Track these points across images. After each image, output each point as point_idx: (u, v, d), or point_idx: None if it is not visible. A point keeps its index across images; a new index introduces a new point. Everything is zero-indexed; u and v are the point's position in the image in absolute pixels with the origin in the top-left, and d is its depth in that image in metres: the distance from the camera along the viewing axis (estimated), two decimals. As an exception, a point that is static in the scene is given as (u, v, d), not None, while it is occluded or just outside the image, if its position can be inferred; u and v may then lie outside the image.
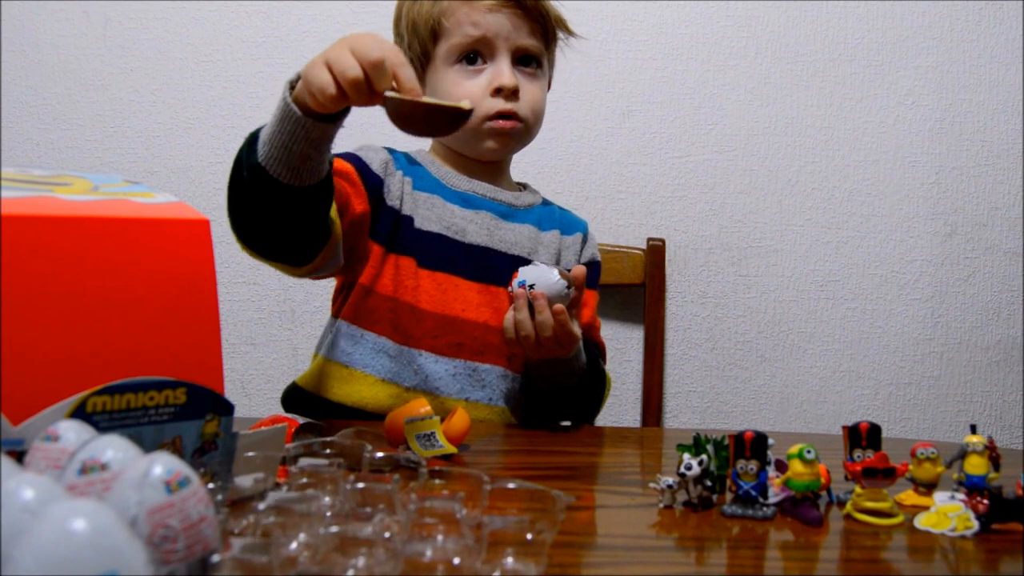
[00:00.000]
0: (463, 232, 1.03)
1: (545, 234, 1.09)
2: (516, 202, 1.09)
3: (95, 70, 1.52)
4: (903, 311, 1.54)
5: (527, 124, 1.04)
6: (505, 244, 1.05)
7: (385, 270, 1.01)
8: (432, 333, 1.00)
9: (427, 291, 1.01)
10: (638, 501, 0.69)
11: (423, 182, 1.05)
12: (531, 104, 1.03)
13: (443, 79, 1.03)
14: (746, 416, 1.54)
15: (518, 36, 1.02)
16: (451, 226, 1.03)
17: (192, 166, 1.53)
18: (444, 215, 1.03)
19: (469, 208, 1.05)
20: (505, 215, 1.07)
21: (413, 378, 1.00)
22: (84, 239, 0.54)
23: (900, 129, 1.53)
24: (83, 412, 0.49)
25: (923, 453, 0.68)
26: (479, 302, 1.02)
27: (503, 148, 1.05)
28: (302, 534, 0.48)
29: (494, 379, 1.03)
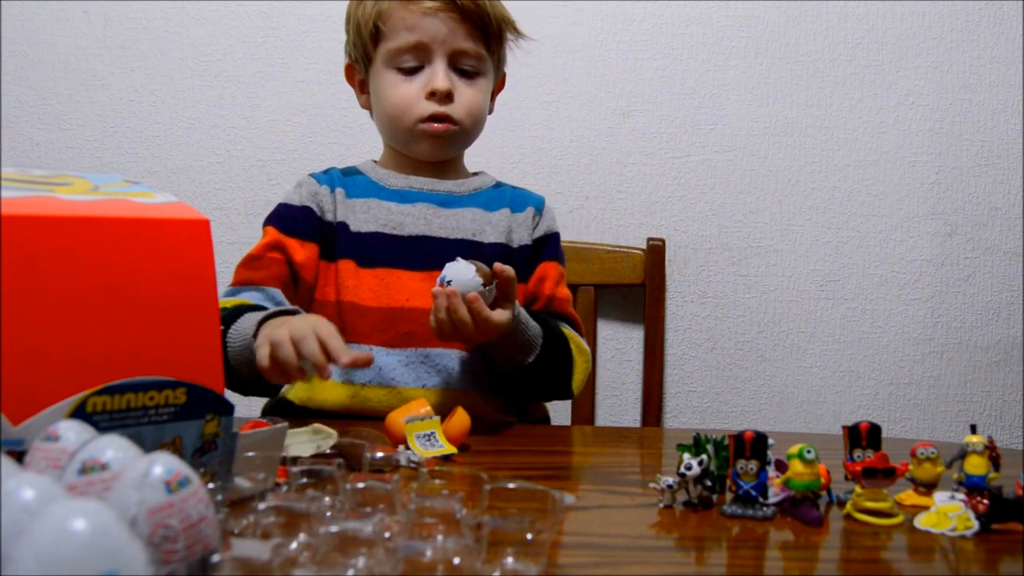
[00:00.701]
0: (400, 226, 1.06)
1: (493, 214, 1.09)
2: (458, 189, 1.10)
3: (95, 70, 1.52)
4: (903, 311, 1.54)
5: (462, 126, 1.04)
6: (445, 230, 1.06)
7: (327, 278, 1.05)
8: (379, 327, 1.03)
9: (369, 288, 1.04)
10: (638, 501, 0.69)
11: (359, 189, 1.09)
12: (467, 107, 1.04)
13: (382, 81, 1.05)
14: (746, 416, 1.54)
15: (455, 39, 1.02)
16: (388, 223, 1.06)
17: (192, 166, 1.53)
18: (380, 214, 1.06)
19: (406, 203, 1.07)
20: (445, 203, 1.08)
21: (367, 374, 1.02)
22: (84, 239, 0.54)
23: (900, 129, 1.53)
24: (83, 412, 0.49)
25: (923, 453, 0.68)
26: (423, 290, 1.02)
27: (437, 150, 1.07)
28: (302, 534, 0.48)
29: (448, 363, 1.03)
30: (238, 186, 1.53)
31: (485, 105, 1.08)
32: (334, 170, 1.12)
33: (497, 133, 1.52)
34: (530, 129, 1.53)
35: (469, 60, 1.04)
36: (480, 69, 1.06)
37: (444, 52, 1.02)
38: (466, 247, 1.05)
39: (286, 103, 1.53)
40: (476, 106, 1.05)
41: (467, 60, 1.04)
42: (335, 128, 1.52)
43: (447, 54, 1.03)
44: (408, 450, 0.77)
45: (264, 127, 1.53)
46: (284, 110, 1.53)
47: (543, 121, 1.53)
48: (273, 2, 1.52)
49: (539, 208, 1.13)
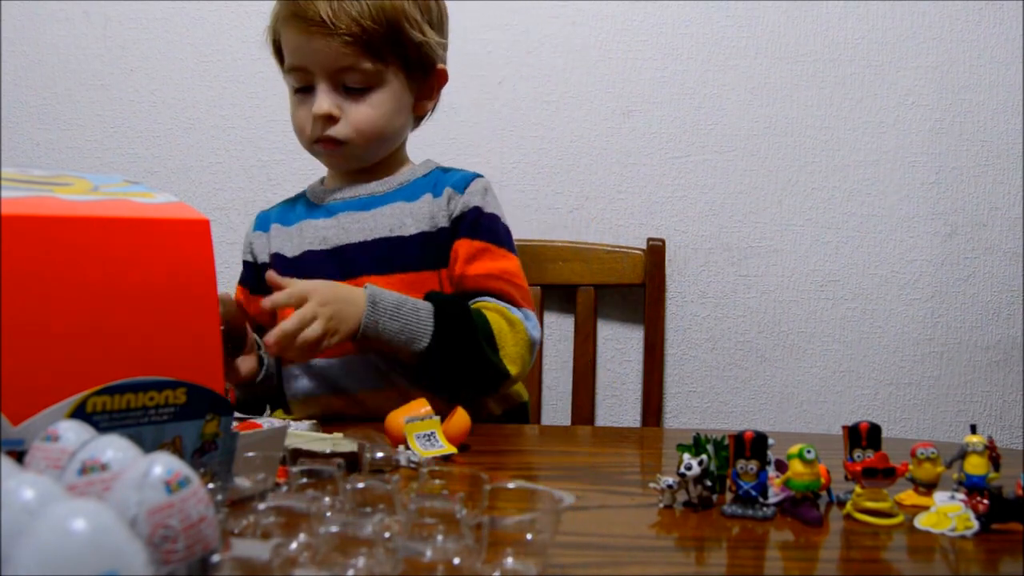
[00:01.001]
0: (324, 240, 1.08)
1: (414, 203, 1.07)
2: (381, 188, 1.10)
3: (95, 70, 1.52)
4: (903, 311, 1.54)
5: (351, 144, 1.04)
6: (363, 233, 1.07)
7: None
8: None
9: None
10: (638, 501, 0.69)
11: (296, 215, 1.12)
12: (355, 125, 1.04)
13: (289, 100, 1.09)
14: (746, 416, 1.54)
15: (333, 60, 1.01)
16: (314, 240, 1.08)
17: (192, 166, 1.53)
18: (308, 233, 1.09)
19: (330, 216, 1.09)
20: (364, 206, 1.08)
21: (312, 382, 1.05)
22: (84, 239, 0.54)
23: (900, 129, 1.53)
24: (83, 412, 0.49)
25: (923, 453, 0.68)
26: None
27: (336, 165, 1.10)
28: (302, 534, 0.48)
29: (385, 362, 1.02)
30: (238, 186, 1.53)
31: (385, 116, 1.05)
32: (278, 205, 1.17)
33: (497, 133, 1.52)
34: (530, 129, 1.53)
35: (355, 76, 1.02)
36: (372, 82, 1.03)
37: (324, 74, 1.02)
38: (384, 245, 1.05)
39: (286, 103, 1.52)
40: (366, 123, 1.04)
41: (353, 77, 1.02)
42: (335, 128, 1.52)
43: (328, 75, 1.02)
44: (408, 450, 0.77)
45: (264, 127, 1.53)
46: (284, 110, 1.52)
47: (543, 121, 1.53)
48: (273, 2, 1.51)
49: (459, 187, 1.08)
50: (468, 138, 1.49)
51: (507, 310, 1.01)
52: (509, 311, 1.01)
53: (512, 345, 1.00)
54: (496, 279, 1.04)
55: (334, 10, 0.98)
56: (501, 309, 1.01)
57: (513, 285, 1.05)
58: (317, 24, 0.98)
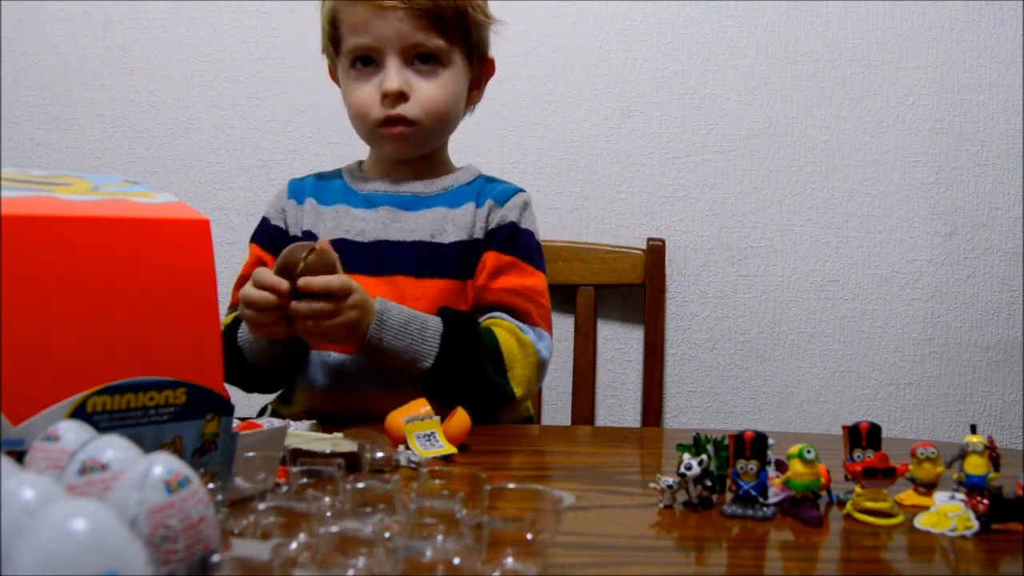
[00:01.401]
0: (362, 232, 1.05)
1: (456, 211, 1.06)
2: (426, 189, 1.08)
3: (95, 70, 1.52)
4: (903, 311, 1.54)
5: (420, 125, 1.02)
6: (403, 233, 1.05)
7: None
8: None
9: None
10: (638, 501, 0.69)
11: (333, 195, 1.10)
12: (424, 104, 1.01)
13: (344, 82, 1.06)
14: (746, 416, 1.54)
15: (406, 36, 0.99)
16: (351, 229, 1.06)
17: (192, 166, 1.53)
18: (346, 221, 1.06)
19: (370, 208, 1.07)
20: (407, 205, 1.06)
21: (328, 379, 1.02)
22: (84, 239, 0.54)
23: (900, 129, 1.53)
24: (83, 412, 0.49)
25: (923, 453, 0.68)
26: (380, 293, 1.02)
27: (399, 151, 1.06)
28: (302, 534, 0.48)
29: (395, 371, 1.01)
30: (238, 186, 1.53)
31: (452, 99, 1.04)
32: (311, 177, 1.13)
33: (497, 133, 1.52)
34: (530, 129, 1.53)
35: (426, 55, 1.01)
36: (441, 62, 1.02)
37: (396, 50, 1.00)
38: (424, 249, 1.04)
39: (286, 103, 1.53)
40: (436, 102, 1.02)
41: (424, 56, 1.01)
42: (335, 128, 1.52)
43: (399, 52, 1.00)
44: (408, 450, 0.77)
45: (264, 127, 1.53)
46: (284, 110, 1.53)
47: (543, 121, 1.53)
48: (273, 2, 1.52)
49: (500, 200, 1.08)
50: (468, 138, 1.49)
51: (519, 330, 1.01)
52: (521, 331, 1.01)
53: (521, 367, 0.99)
54: (518, 295, 1.04)
55: None
56: (513, 329, 1.01)
57: (534, 303, 1.05)
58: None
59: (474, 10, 1.04)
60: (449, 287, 1.04)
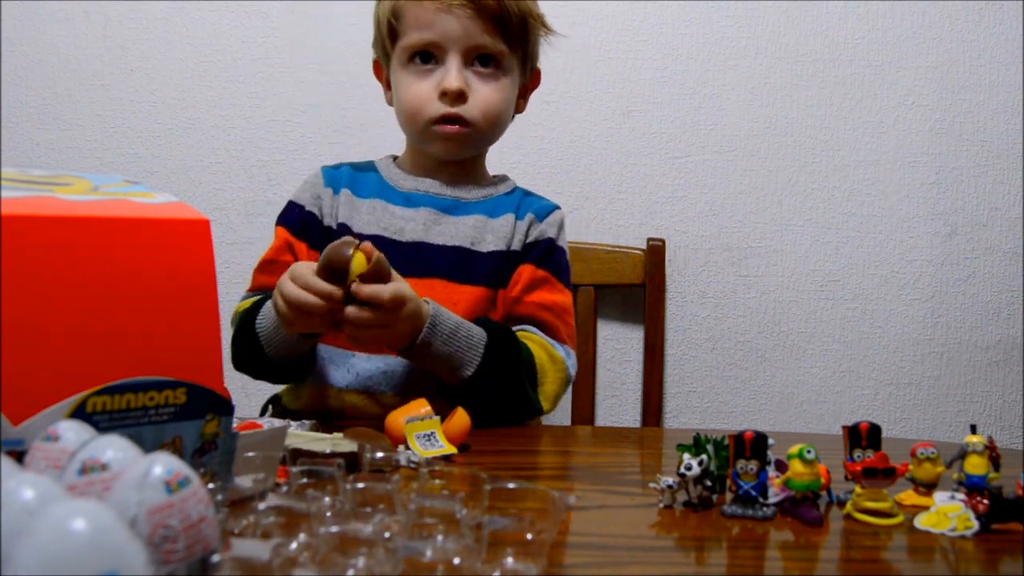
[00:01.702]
0: (400, 231, 1.04)
1: (496, 220, 1.06)
2: (467, 195, 1.07)
3: (95, 70, 1.52)
4: (903, 311, 1.54)
5: (475, 127, 1.02)
6: (443, 237, 1.04)
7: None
8: None
9: None
10: (638, 501, 0.69)
11: (369, 189, 1.08)
12: (482, 107, 1.01)
13: (399, 79, 1.04)
14: (746, 416, 1.54)
15: (470, 36, 0.99)
16: (389, 227, 1.05)
17: (192, 166, 1.53)
18: (384, 217, 1.05)
19: (410, 207, 1.06)
20: (448, 209, 1.06)
21: (346, 377, 1.01)
22: (84, 239, 0.54)
23: (900, 129, 1.53)
24: (83, 412, 0.49)
25: (923, 453, 0.68)
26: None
27: (451, 151, 1.05)
28: (302, 534, 0.48)
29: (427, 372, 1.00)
30: (238, 186, 1.53)
31: (506, 104, 1.04)
32: (346, 167, 1.11)
33: (497, 133, 1.52)
34: (530, 129, 1.53)
35: (487, 58, 1.01)
36: (501, 67, 1.02)
37: (459, 49, 0.99)
38: (462, 255, 1.04)
39: (286, 103, 1.53)
40: (493, 106, 1.02)
41: (485, 58, 1.01)
42: (335, 128, 1.52)
43: (462, 51, 0.99)
44: (408, 450, 0.77)
45: (264, 127, 1.53)
46: (284, 110, 1.53)
47: (543, 121, 1.53)
48: (273, 2, 1.52)
49: (540, 215, 1.09)
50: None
51: (551, 346, 1.01)
52: (553, 347, 1.01)
53: (551, 382, 0.99)
54: (548, 310, 1.04)
55: None
56: (545, 344, 1.01)
57: (562, 320, 1.05)
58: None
59: (535, 19, 1.04)
60: (483, 295, 1.03)
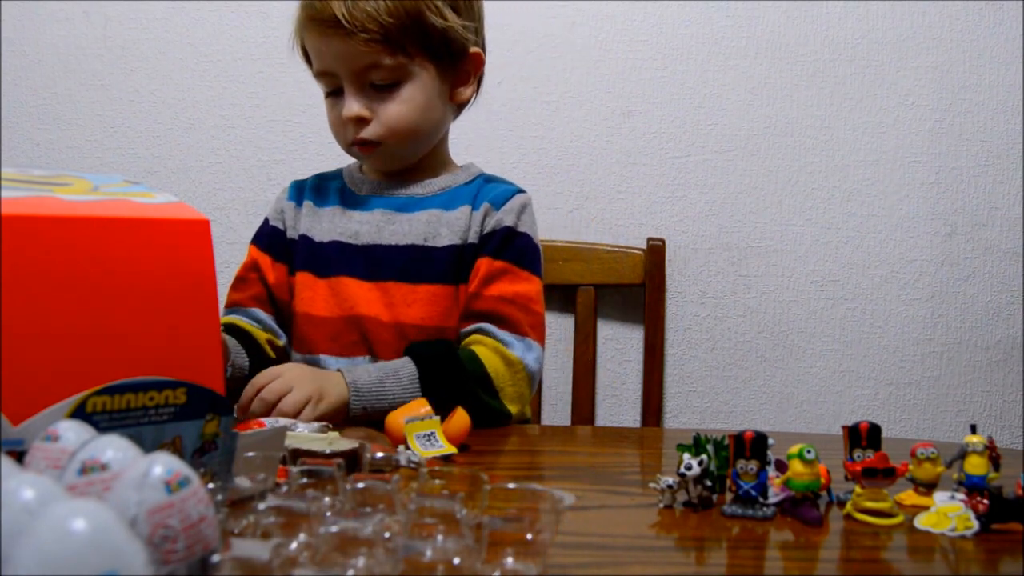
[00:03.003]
0: (356, 235, 1.06)
1: (451, 213, 1.05)
2: (421, 191, 1.08)
3: (95, 70, 1.52)
4: (903, 311, 1.54)
5: (386, 143, 1.02)
6: (396, 236, 1.05)
7: (293, 291, 1.08)
8: (330, 336, 1.05)
9: (323, 298, 1.06)
10: (638, 501, 0.69)
11: (329, 197, 1.11)
12: (387, 123, 1.01)
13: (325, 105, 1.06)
14: (746, 416, 1.54)
15: (354, 59, 0.98)
16: (345, 231, 1.07)
17: (192, 166, 1.53)
18: (340, 223, 1.07)
19: (365, 210, 1.07)
20: (402, 207, 1.07)
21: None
22: (84, 239, 0.54)
23: (900, 129, 1.53)
24: (83, 412, 0.49)
25: (923, 453, 0.68)
26: (371, 298, 1.04)
27: (378, 166, 1.08)
28: (302, 534, 0.48)
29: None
30: (238, 186, 1.53)
31: (418, 110, 1.02)
32: (313, 177, 1.15)
33: (497, 133, 1.52)
34: (530, 129, 1.53)
35: (380, 74, 0.99)
36: (399, 78, 1.00)
37: (348, 74, 0.99)
38: (415, 253, 1.04)
39: (286, 103, 1.53)
40: (399, 119, 1.01)
41: (378, 74, 0.99)
42: (335, 128, 1.52)
43: (352, 75, 0.99)
44: (408, 450, 0.77)
45: (264, 127, 1.53)
46: (284, 110, 1.53)
47: (543, 121, 1.53)
48: (273, 2, 1.51)
49: (497, 203, 1.06)
50: (468, 138, 1.49)
51: (504, 347, 0.99)
52: (507, 348, 0.99)
53: (511, 386, 0.98)
54: (509, 303, 1.01)
55: (348, 9, 0.95)
56: (498, 347, 0.99)
57: (525, 311, 1.02)
58: (333, 25, 0.96)
59: (432, 14, 0.99)
60: (441, 292, 1.03)
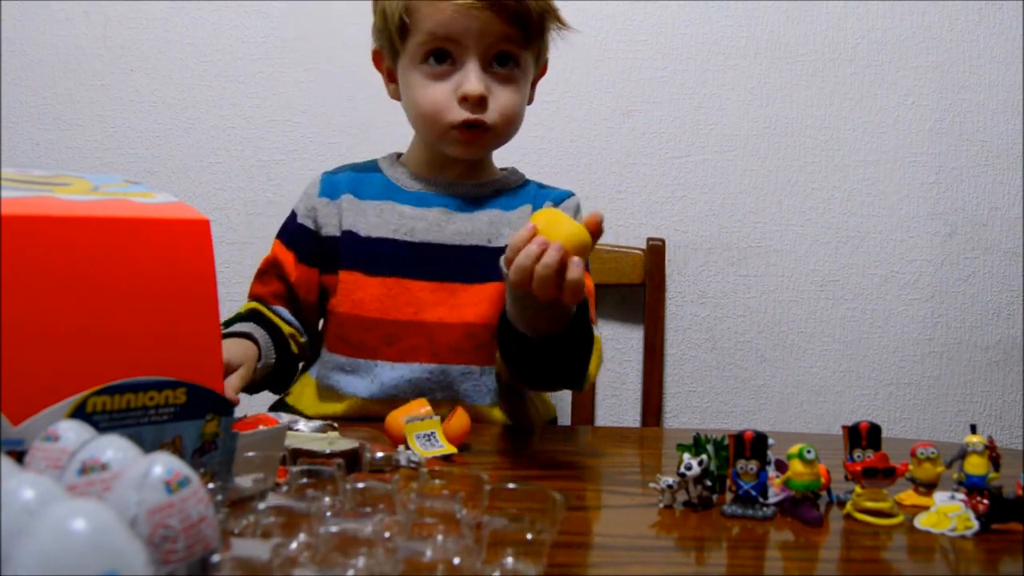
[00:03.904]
0: (412, 231, 1.01)
1: (512, 213, 1.03)
2: (479, 190, 1.04)
3: (95, 70, 1.52)
4: (903, 311, 1.54)
5: (495, 132, 0.98)
6: (459, 236, 1.01)
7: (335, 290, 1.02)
8: (385, 339, 0.99)
9: (376, 298, 1.00)
10: (638, 501, 0.69)
11: (373, 190, 1.04)
12: (502, 110, 0.97)
13: (411, 78, 0.99)
14: (746, 416, 1.54)
15: (489, 39, 0.95)
16: (399, 228, 1.01)
17: (192, 166, 1.53)
18: (392, 219, 1.02)
19: (421, 206, 1.02)
20: (462, 206, 1.03)
21: (370, 387, 0.99)
22: (84, 239, 0.54)
23: (900, 129, 1.53)
24: (83, 412, 0.49)
25: (923, 453, 0.68)
26: (433, 301, 0.99)
27: (468, 153, 1.01)
28: (302, 534, 0.48)
29: (456, 378, 0.99)
30: (238, 186, 1.53)
31: (523, 104, 1.01)
32: (347, 171, 1.08)
33: (497, 133, 1.52)
34: (530, 129, 1.52)
35: (505, 59, 0.97)
36: (519, 66, 0.98)
37: (477, 52, 0.95)
38: (479, 254, 1.00)
39: (286, 103, 1.53)
40: (512, 108, 0.98)
41: (503, 59, 0.97)
42: (335, 128, 1.52)
43: (480, 54, 0.95)
44: (408, 450, 0.77)
45: (264, 127, 1.53)
46: (284, 110, 1.53)
47: (543, 121, 1.53)
48: (273, 2, 1.51)
49: (557, 202, 1.06)
50: (468, 138, 1.49)
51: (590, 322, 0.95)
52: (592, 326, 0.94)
53: (595, 356, 0.93)
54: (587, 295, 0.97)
55: None
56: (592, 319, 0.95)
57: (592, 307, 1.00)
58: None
59: (551, 14, 1.00)
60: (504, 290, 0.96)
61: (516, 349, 0.87)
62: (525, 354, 0.87)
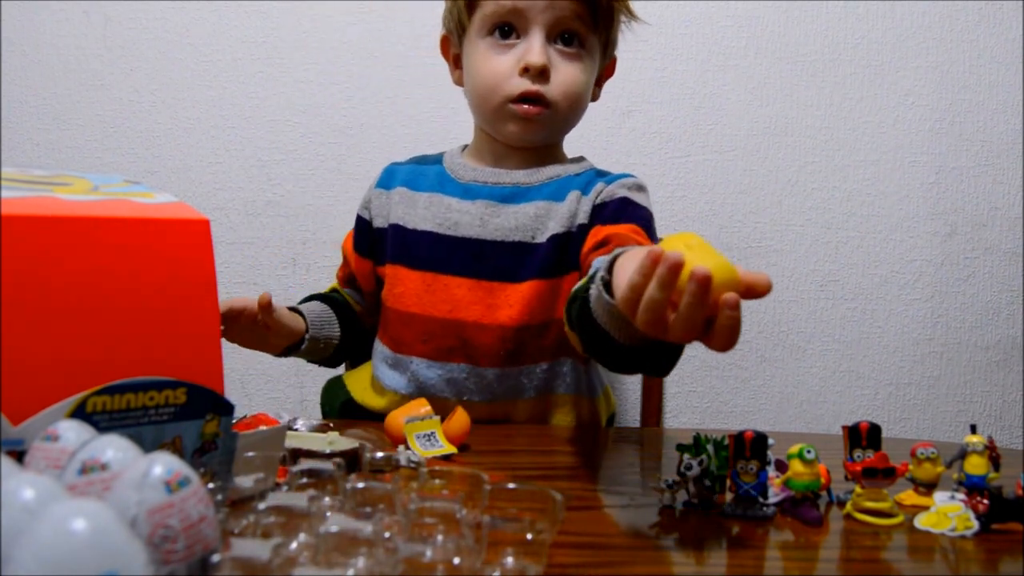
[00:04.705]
0: (455, 225, 0.98)
1: (560, 204, 0.98)
2: (528, 179, 1.00)
3: (95, 70, 1.52)
4: (903, 311, 1.54)
5: (555, 108, 0.95)
6: (501, 232, 0.97)
7: (386, 282, 1.04)
8: (421, 337, 0.98)
9: (415, 293, 0.99)
10: (638, 501, 0.69)
11: (427, 181, 1.03)
12: (564, 86, 0.94)
13: (474, 51, 0.97)
14: (746, 416, 1.54)
15: (556, 10, 0.93)
16: (444, 221, 0.99)
17: (192, 166, 1.53)
18: (439, 211, 0.99)
19: (467, 199, 0.99)
20: (507, 198, 0.98)
21: (408, 385, 0.99)
22: (84, 239, 0.54)
23: (900, 129, 1.53)
24: (83, 412, 0.49)
25: (923, 453, 0.68)
26: (469, 300, 0.97)
27: (526, 133, 0.97)
28: (302, 534, 0.48)
29: (492, 380, 0.98)
30: (238, 186, 1.53)
31: (587, 87, 0.98)
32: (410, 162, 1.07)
33: (497, 133, 1.52)
34: (530, 129, 1.53)
35: (571, 36, 0.95)
36: (584, 47, 0.96)
37: (543, 23, 0.93)
38: (520, 250, 0.96)
39: (286, 103, 1.52)
40: (575, 86, 0.95)
41: (569, 36, 0.95)
42: (335, 128, 1.52)
43: (546, 26, 0.93)
44: (408, 450, 0.77)
45: (264, 127, 1.53)
46: (284, 110, 1.53)
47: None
48: (273, 2, 1.51)
49: (609, 182, 1.00)
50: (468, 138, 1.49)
51: None
52: None
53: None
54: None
55: None
56: None
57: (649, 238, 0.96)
58: None
59: (621, 3, 0.99)
60: (542, 288, 0.96)
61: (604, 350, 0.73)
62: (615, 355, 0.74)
